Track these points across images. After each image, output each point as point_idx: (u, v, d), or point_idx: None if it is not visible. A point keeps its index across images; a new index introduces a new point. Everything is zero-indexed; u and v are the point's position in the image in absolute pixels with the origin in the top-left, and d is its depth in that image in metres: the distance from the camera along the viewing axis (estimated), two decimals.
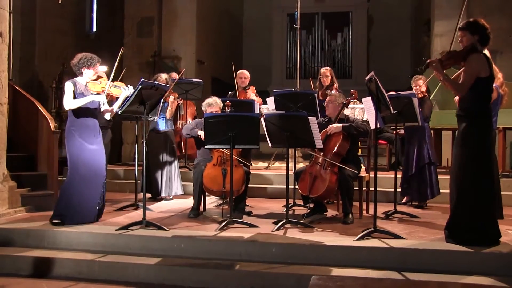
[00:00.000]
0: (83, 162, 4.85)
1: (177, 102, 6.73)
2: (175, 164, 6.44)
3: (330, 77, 7.19)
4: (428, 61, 4.23)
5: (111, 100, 5.45)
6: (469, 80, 4.04)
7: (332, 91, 6.76)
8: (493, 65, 4.18)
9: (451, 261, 3.92)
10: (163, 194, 6.33)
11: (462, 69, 4.19)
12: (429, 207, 5.95)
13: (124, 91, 5.05)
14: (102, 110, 5.05)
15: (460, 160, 4.13)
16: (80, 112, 4.87)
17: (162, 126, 6.38)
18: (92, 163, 4.88)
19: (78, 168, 4.85)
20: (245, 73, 7.48)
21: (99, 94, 4.95)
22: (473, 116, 4.07)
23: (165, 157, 6.36)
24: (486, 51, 4.15)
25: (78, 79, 4.95)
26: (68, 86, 4.86)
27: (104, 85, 4.98)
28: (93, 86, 4.96)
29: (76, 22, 10.61)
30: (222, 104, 5.63)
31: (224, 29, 14.17)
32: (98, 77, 5.06)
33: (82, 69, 4.92)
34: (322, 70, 7.37)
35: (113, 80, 5.09)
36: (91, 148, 4.89)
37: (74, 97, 4.85)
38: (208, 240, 4.38)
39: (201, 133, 5.47)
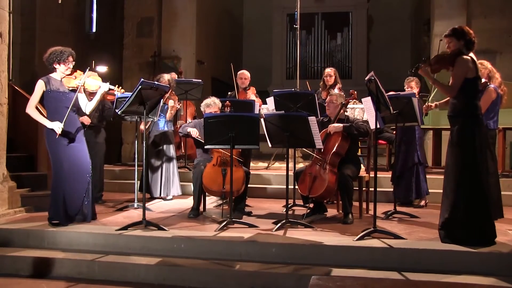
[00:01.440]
0: (66, 160, 4.78)
1: (177, 107, 6.71)
2: (174, 165, 6.43)
3: (334, 77, 7.21)
4: (417, 64, 4.39)
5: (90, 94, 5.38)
6: (458, 82, 4.18)
7: (335, 90, 6.76)
8: (491, 66, 4.24)
9: (451, 261, 3.92)
10: (162, 195, 6.33)
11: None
12: (429, 207, 5.96)
13: (101, 87, 4.92)
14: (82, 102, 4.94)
15: (453, 159, 4.19)
16: (58, 110, 4.77)
17: (161, 126, 6.38)
18: (75, 160, 4.81)
19: (61, 167, 4.78)
20: (245, 73, 7.48)
21: (74, 90, 4.82)
22: (464, 116, 4.19)
23: (164, 157, 6.36)
24: (472, 54, 4.27)
25: (52, 75, 4.85)
26: (38, 86, 4.77)
27: (79, 79, 4.83)
28: (68, 82, 4.86)
29: (76, 22, 10.59)
30: (220, 104, 5.64)
31: (224, 29, 14.17)
32: (73, 72, 4.90)
33: (54, 65, 4.80)
34: (327, 70, 7.39)
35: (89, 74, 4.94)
36: (72, 145, 4.81)
37: (43, 98, 4.77)
38: (208, 240, 4.39)
39: (190, 130, 5.48)
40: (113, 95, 5.68)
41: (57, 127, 4.68)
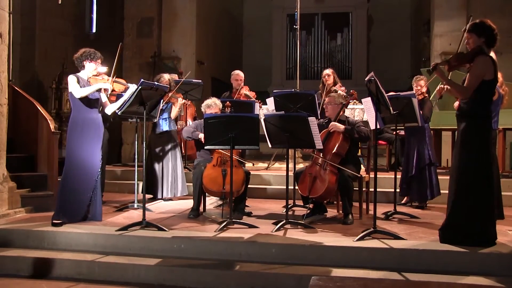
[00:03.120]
0: (79, 160, 4.94)
1: (185, 102, 6.66)
2: (180, 165, 6.42)
3: (332, 77, 7.21)
4: (434, 63, 4.21)
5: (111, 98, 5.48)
6: (475, 83, 4.03)
7: (339, 90, 6.76)
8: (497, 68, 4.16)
9: (451, 262, 3.92)
10: (168, 195, 6.31)
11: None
12: (429, 208, 5.96)
13: (130, 89, 5.12)
14: (103, 100, 5.13)
15: (459, 160, 4.14)
16: (84, 104, 4.96)
17: (165, 126, 6.37)
18: (87, 162, 4.96)
19: (73, 165, 4.94)
20: (241, 75, 7.51)
21: (99, 90, 5.03)
22: (473, 117, 4.08)
23: (169, 158, 6.34)
24: (492, 53, 4.12)
25: (80, 74, 5.05)
26: (72, 78, 4.97)
27: (106, 80, 5.08)
28: (95, 81, 5.06)
29: (76, 22, 10.60)
30: (221, 105, 5.65)
31: (224, 29, 14.17)
32: (99, 74, 5.15)
33: (84, 62, 5.01)
34: (325, 71, 7.40)
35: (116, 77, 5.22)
36: (89, 145, 4.96)
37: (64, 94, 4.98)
38: (208, 241, 4.39)
39: (202, 136, 5.48)
40: (115, 96, 5.71)
41: (108, 86, 4.98)
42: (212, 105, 5.61)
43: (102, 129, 5.13)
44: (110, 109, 5.18)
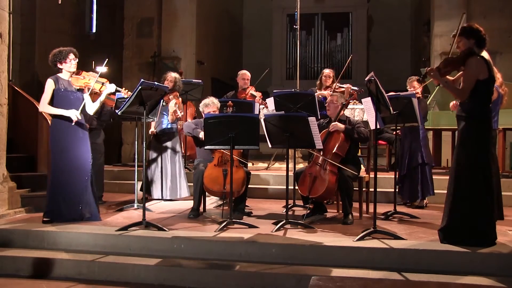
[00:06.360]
0: (66, 159, 4.91)
1: (178, 114, 6.46)
2: (181, 166, 6.41)
3: (332, 79, 7.20)
4: (426, 70, 4.30)
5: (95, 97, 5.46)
6: (470, 84, 4.06)
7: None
8: (492, 66, 4.17)
9: (451, 262, 3.92)
10: (168, 197, 6.31)
11: (461, 72, 4.23)
12: (429, 208, 5.96)
13: (107, 88, 5.07)
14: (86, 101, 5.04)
15: (458, 160, 4.15)
16: (67, 104, 4.90)
17: (167, 124, 6.37)
18: (75, 160, 4.92)
19: (60, 165, 4.90)
20: (247, 74, 7.50)
21: (82, 89, 5.00)
22: (472, 117, 4.09)
23: (170, 158, 6.34)
24: (485, 53, 4.16)
25: (60, 75, 5.00)
26: (48, 84, 4.91)
27: (87, 80, 5.02)
28: (76, 81, 5.02)
29: (76, 22, 10.59)
30: (219, 104, 5.65)
31: (224, 29, 14.17)
32: (80, 72, 5.09)
33: (57, 65, 4.96)
34: (326, 71, 7.37)
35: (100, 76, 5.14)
36: (74, 145, 4.93)
37: (52, 96, 4.87)
38: (208, 241, 4.39)
39: (202, 136, 5.48)
40: (112, 100, 5.71)
41: (74, 114, 4.85)
42: (210, 104, 5.60)
43: (86, 129, 5.07)
44: (91, 109, 5.09)
